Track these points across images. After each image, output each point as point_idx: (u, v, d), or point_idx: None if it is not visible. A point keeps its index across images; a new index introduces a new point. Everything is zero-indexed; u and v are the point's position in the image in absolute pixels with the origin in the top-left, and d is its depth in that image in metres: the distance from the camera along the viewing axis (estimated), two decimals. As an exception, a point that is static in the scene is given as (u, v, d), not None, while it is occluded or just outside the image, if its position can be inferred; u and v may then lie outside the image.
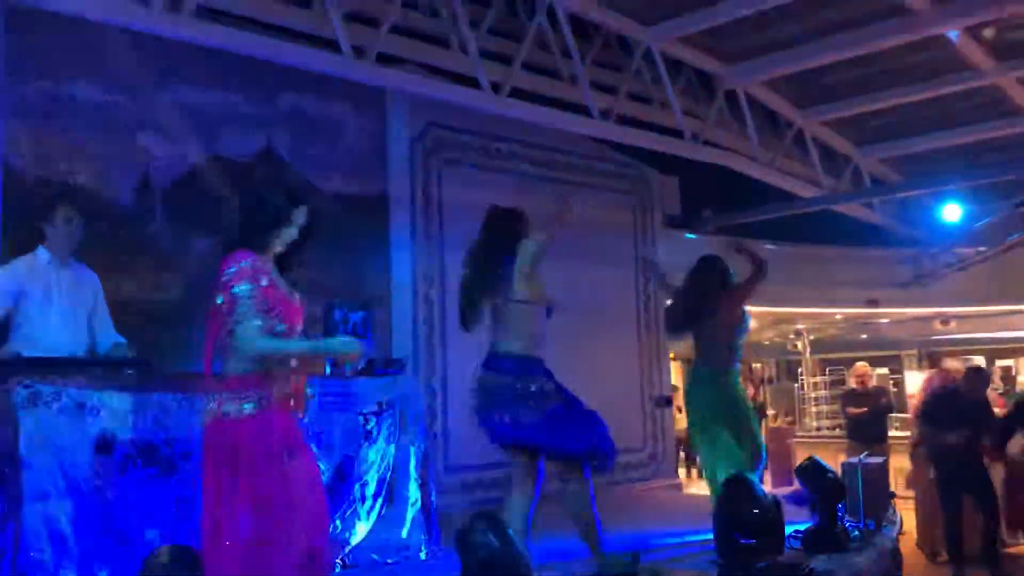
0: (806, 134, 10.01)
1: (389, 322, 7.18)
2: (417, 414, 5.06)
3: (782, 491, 7.10)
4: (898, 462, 9.02)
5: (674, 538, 5.60)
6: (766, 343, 16.91)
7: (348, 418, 4.71)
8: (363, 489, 4.73)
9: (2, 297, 4.32)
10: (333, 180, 7.06)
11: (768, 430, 12.06)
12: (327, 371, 4.73)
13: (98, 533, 3.70)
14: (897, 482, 8.59)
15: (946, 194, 11.54)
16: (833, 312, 13.59)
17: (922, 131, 10.30)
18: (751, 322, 6.07)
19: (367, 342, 4.80)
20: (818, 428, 14.21)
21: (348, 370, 4.77)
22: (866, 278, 12.29)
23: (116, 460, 3.79)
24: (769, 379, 18.22)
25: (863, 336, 16.78)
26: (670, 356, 10.41)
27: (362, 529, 4.71)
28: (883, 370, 17.63)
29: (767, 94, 9.37)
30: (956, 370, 8.42)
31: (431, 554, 4.88)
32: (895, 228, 12.09)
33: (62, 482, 3.64)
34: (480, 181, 7.92)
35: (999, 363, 15.09)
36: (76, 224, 4.45)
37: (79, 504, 3.67)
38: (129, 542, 3.75)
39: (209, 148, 6.47)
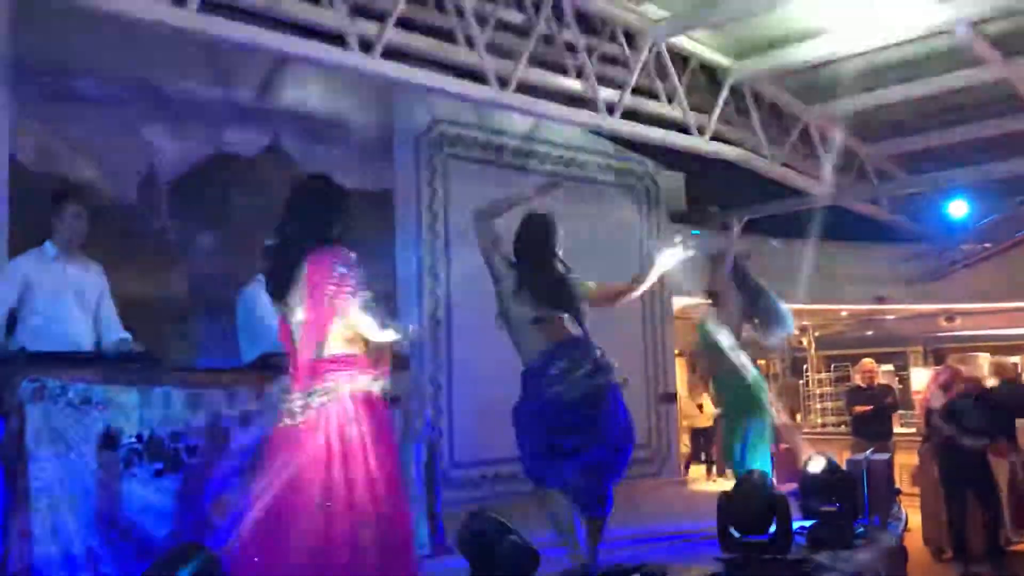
0: (813, 130, 9.98)
1: (395, 317, 7.16)
2: (422, 410, 5.05)
3: (787, 487, 7.10)
4: (903, 459, 9.01)
5: (679, 534, 5.60)
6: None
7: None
8: (368, 485, 4.72)
9: (8, 291, 4.33)
10: (338, 175, 6.90)
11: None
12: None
13: (103, 527, 3.70)
14: (902, 479, 8.59)
15: (953, 190, 11.52)
16: (839, 308, 13.57)
17: (929, 127, 10.26)
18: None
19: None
20: (823, 425, 14.22)
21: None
22: (872, 275, 12.27)
23: (121, 455, 3.79)
24: (774, 375, 18.21)
25: (869, 333, 16.75)
26: (675, 353, 10.40)
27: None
28: (888, 367, 17.57)
29: (774, 90, 9.34)
30: (967, 368, 8.41)
31: (436, 551, 4.88)
32: (901, 224, 12.05)
33: (68, 476, 3.64)
34: (486, 176, 7.91)
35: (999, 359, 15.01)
36: (83, 219, 4.47)
37: (84, 498, 3.67)
38: (134, 537, 3.75)
39: (215, 143, 6.47)
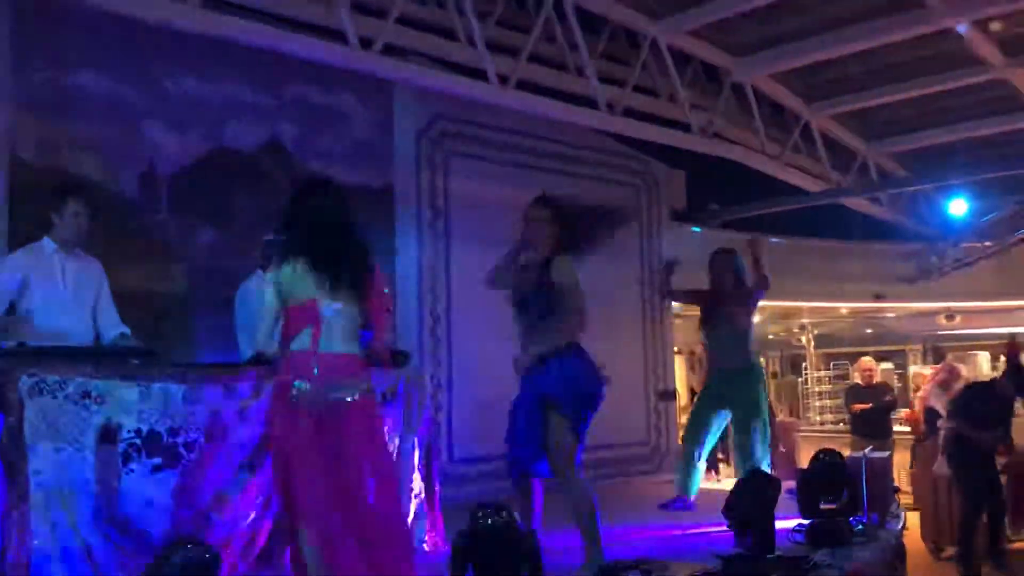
0: (813, 128, 9.98)
1: (394, 313, 7.16)
2: (422, 406, 5.04)
3: (786, 485, 7.09)
4: (902, 457, 9.03)
5: (678, 531, 5.60)
6: (771, 337, 16.88)
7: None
8: (367, 481, 4.72)
9: (9, 284, 4.33)
10: (338, 171, 7.01)
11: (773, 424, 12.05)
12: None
13: (101, 522, 3.70)
14: (900, 477, 8.60)
15: (953, 189, 11.51)
16: (839, 306, 13.57)
17: (930, 126, 10.26)
18: (756, 316, 6.15)
19: (369, 334, 4.81)
20: (822, 422, 14.22)
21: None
22: (872, 273, 12.26)
23: (120, 450, 3.79)
24: (773, 373, 18.21)
25: (868, 331, 16.75)
26: (674, 350, 10.40)
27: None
28: (888, 365, 17.58)
29: (774, 88, 9.34)
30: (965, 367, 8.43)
31: (435, 546, 4.88)
32: (902, 223, 12.05)
33: (66, 471, 3.64)
34: (486, 173, 7.90)
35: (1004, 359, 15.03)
36: (84, 218, 4.47)
37: (82, 493, 3.67)
38: (132, 532, 3.75)
39: (215, 139, 6.47)
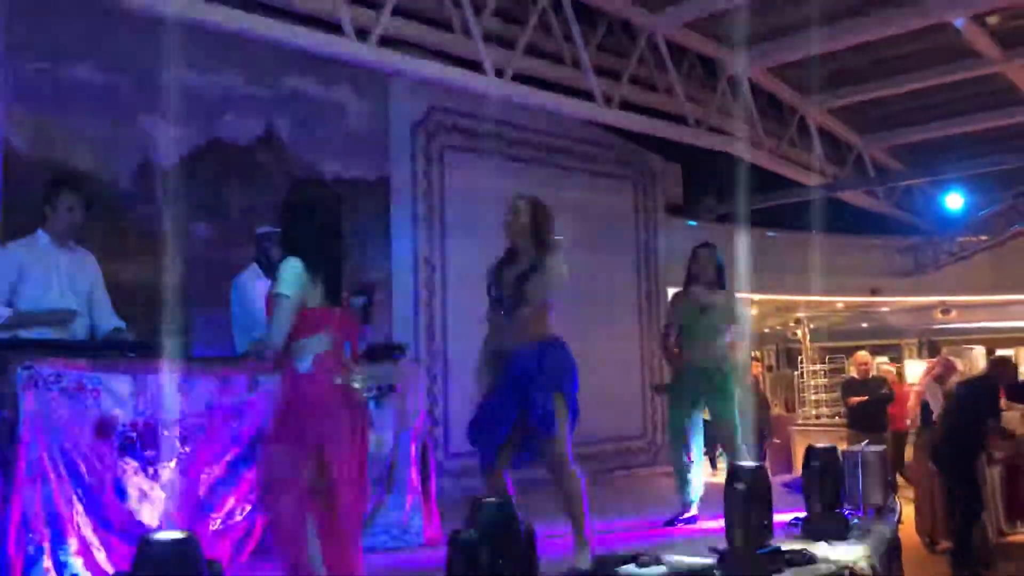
0: (809, 121, 9.98)
1: (390, 307, 7.16)
2: (417, 400, 5.04)
3: (781, 479, 7.11)
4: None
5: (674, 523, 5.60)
6: (766, 331, 16.90)
7: (348, 403, 4.69)
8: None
9: (5, 274, 4.31)
10: (334, 164, 7.03)
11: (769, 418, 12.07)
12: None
13: (97, 515, 3.70)
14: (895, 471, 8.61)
15: (949, 183, 11.53)
16: (835, 300, 13.59)
17: (926, 120, 10.27)
18: (752, 309, 6.18)
19: (366, 327, 4.80)
20: (817, 416, 14.25)
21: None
22: (868, 266, 12.28)
23: (115, 442, 3.78)
24: (769, 367, 18.24)
25: (864, 324, 16.78)
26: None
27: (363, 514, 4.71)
28: (883, 359, 17.60)
29: (771, 81, 9.34)
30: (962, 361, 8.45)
31: (432, 539, 4.88)
32: (897, 217, 12.07)
33: (61, 464, 3.62)
34: (482, 166, 7.88)
35: (999, 353, 15.07)
36: (78, 212, 4.44)
37: (78, 486, 3.66)
38: (127, 524, 3.74)
39: (210, 131, 6.44)
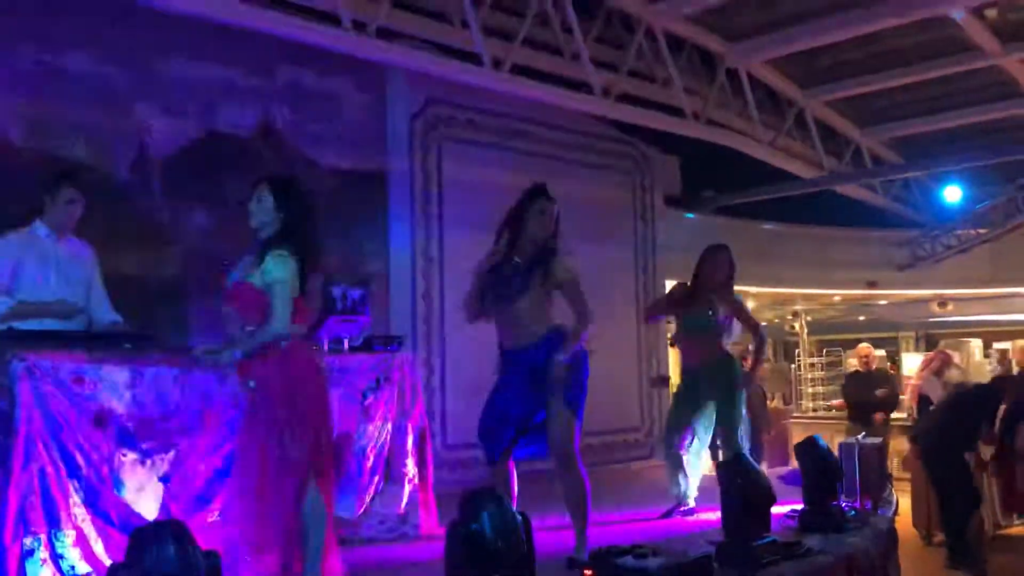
0: (808, 114, 9.97)
1: (387, 299, 7.15)
2: (415, 391, 5.04)
3: (778, 471, 7.12)
4: (895, 444, 9.06)
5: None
6: (763, 324, 16.91)
7: (346, 394, 4.69)
8: (361, 465, 4.72)
9: (2, 266, 4.30)
10: (331, 155, 7.01)
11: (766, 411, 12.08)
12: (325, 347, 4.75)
13: (93, 506, 3.69)
14: (893, 463, 8.63)
15: (947, 176, 11.54)
16: (832, 293, 13.60)
17: (924, 112, 10.27)
18: (749, 303, 6.18)
19: (365, 318, 4.80)
20: (815, 409, 14.26)
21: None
22: (866, 259, 12.28)
23: (112, 434, 3.77)
24: (765, 360, 18.24)
25: (861, 318, 16.79)
26: (668, 336, 10.39)
27: (360, 505, 4.71)
28: (880, 352, 17.60)
29: (769, 73, 9.32)
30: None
31: (429, 531, 4.88)
32: (896, 209, 12.07)
33: (58, 456, 3.61)
34: (480, 158, 7.87)
35: (996, 346, 15.11)
36: (78, 206, 4.43)
37: (75, 477, 3.66)
38: (124, 516, 3.74)
39: (207, 122, 6.42)
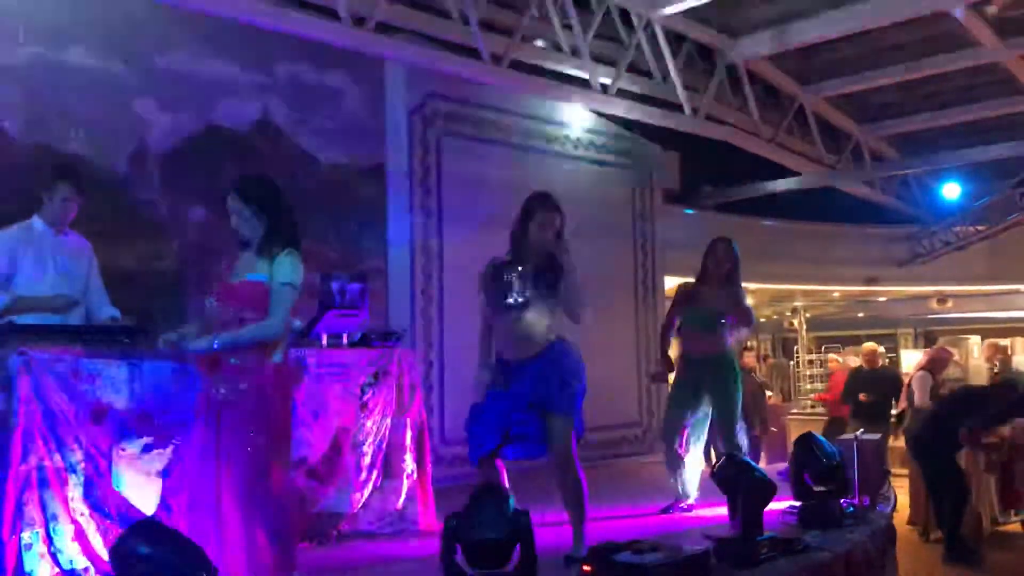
0: (807, 110, 9.96)
1: (386, 293, 7.16)
2: (414, 386, 5.04)
3: (777, 467, 7.12)
4: (893, 440, 9.05)
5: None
6: (762, 320, 16.93)
7: (345, 389, 4.70)
8: (359, 460, 4.73)
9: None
10: (330, 150, 7.01)
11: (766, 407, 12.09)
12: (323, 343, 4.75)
13: (91, 501, 3.69)
14: (891, 460, 8.62)
15: (946, 172, 11.54)
16: (831, 290, 13.61)
17: (924, 109, 10.27)
18: (748, 299, 6.18)
19: (363, 313, 4.80)
20: (813, 406, 14.28)
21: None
22: (864, 256, 12.29)
23: (111, 429, 3.77)
24: (764, 356, 18.28)
25: (860, 314, 16.81)
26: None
27: (358, 500, 4.72)
28: (879, 349, 17.61)
29: (768, 69, 9.32)
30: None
31: (427, 526, 4.88)
32: (894, 206, 12.08)
33: (57, 450, 3.62)
34: (479, 153, 7.87)
35: (998, 342, 15.13)
36: (73, 204, 4.42)
37: (73, 472, 3.66)
38: (122, 511, 3.74)
39: (206, 117, 6.41)
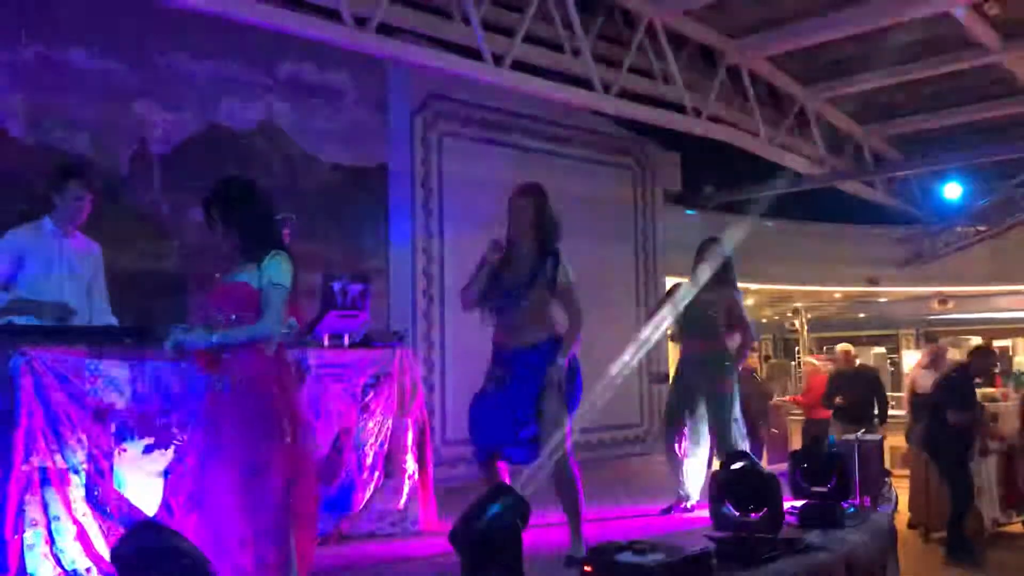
0: (809, 111, 9.95)
1: (387, 294, 7.16)
2: (415, 387, 5.04)
3: (778, 468, 7.12)
4: (893, 440, 9.06)
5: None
6: (764, 321, 16.93)
7: (346, 390, 4.70)
8: (361, 460, 4.73)
9: (2, 263, 4.30)
10: (332, 151, 7.02)
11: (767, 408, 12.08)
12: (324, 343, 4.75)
13: (93, 502, 3.70)
14: (892, 460, 8.63)
15: (948, 173, 11.53)
16: (832, 290, 13.61)
17: (925, 109, 10.25)
18: (749, 299, 6.19)
19: (365, 314, 4.81)
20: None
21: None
22: (866, 256, 12.29)
23: (112, 429, 3.78)
24: (766, 357, 18.28)
25: (861, 315, 16.81)
26: (667, 333, 10.38)
27: (359, 500, 4.72)
28: (880, 349, 17.64)
29: (770, 70, 9.31)
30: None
31: (428, 526, 4.89)
32: (896, 206, 12.06)
33: (59, 450, 3.63)
34: (480, 153, 7.88)
35: (996, 343, 15.13)
36: (85, 202, 4.43)
37: (75, 473, 3.66)
38: (124, 511, 3.75)
39: (208, 117, 6.42)
